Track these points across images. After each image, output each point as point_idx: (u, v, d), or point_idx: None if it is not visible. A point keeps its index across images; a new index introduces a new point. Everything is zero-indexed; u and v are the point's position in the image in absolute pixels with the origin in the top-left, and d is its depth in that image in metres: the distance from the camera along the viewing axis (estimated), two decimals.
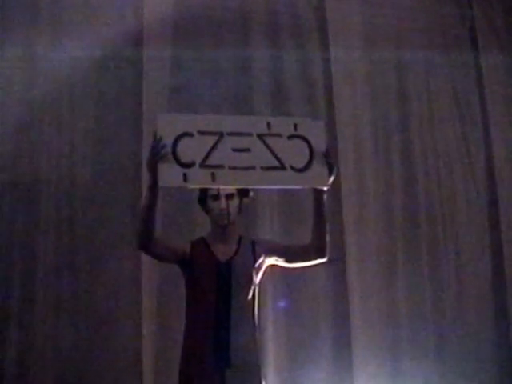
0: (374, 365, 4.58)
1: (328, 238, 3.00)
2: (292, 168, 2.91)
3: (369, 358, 4.56)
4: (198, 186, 2.99)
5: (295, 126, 2.97)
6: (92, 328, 4.23)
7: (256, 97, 4.77)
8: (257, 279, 3.08)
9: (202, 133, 2.87)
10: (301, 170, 2.91)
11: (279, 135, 2.94)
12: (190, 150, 2.83)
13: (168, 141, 2.81)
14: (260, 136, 2.92)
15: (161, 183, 2.79)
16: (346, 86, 4.93)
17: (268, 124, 2.95)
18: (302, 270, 4.34)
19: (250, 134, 2.91)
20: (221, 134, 2.88)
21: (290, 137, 2.95)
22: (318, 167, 2.92)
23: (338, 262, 4.49)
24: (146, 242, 2.91)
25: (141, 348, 4.21)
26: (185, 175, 2.80)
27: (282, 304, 4.51)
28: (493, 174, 5.09)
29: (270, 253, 3.09)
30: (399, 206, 4.92)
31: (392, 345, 4.66)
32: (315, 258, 3.04)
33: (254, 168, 2.88)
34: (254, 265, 3.05)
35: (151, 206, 2.86)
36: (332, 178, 2.95)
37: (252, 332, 3.02)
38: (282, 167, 2.90)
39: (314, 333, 4.55)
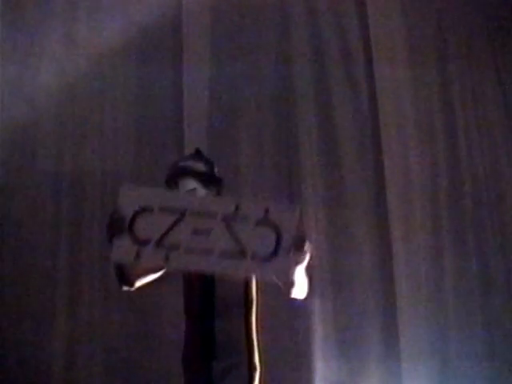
0: (422, 354, 4.52)
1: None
2: (254, 257, 2.66)
3: (417, 345, 4.51)
4: (150, 265, 2.89)
5: (266, 210, 2.71)
6: (140, 317, 4.30)
7: (299, 102, 4.80)
8: None
9: (163, 209, 2.74)
10: (263, 260, 2.65)
11: (246, 219, 2.71)
12: (148, 226, 2.72)
13: (126, 214, 2.73)
14: (225, 218, 2.72)
15: (112, 257, 2.75)
16: (391, 100, 4.91)
17: (237, 206, 2.73)
18: (350, 258, 4.47)
19: (214, 215, 2.72)
20: (182, 213, 2.73)
21: (259, 222, 2.70)
22: (283, 259, 2.63)
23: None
24: (125, 285, 2.92)
25: None
26: (138, 253, 2.71)
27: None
28: None
29: None
30: (445, 197, 4.88)
31: (440, 339, 4.59)
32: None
33: (211, 252, 2.69)
34: None
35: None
36: (298, 268, 2.72)
37: (241, 322, 2.91)
38: (243, 255, 2.67)
39: (362, 320, 4.50)
